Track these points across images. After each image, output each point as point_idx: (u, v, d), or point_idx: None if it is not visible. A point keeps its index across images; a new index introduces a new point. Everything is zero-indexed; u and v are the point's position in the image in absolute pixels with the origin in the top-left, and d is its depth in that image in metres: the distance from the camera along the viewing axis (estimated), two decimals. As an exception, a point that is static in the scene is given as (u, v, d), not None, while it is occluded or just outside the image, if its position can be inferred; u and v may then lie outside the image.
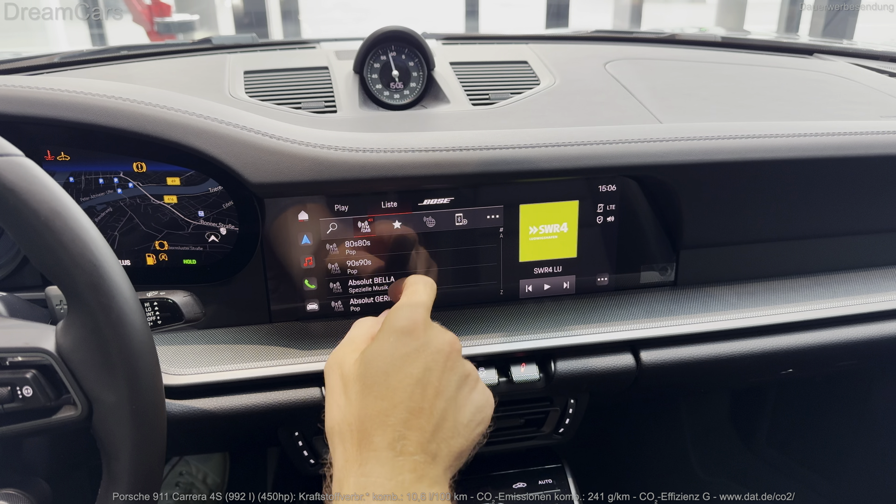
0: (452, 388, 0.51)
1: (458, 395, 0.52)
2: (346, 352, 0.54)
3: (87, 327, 0.48)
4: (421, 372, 0.50)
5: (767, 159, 0.75)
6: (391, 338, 0.52)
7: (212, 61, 1.01)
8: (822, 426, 1.19)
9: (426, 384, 0.50)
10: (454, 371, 0.52)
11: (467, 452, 0.52)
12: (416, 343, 0.51)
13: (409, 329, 0.52)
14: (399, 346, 0.51)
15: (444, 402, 0.50)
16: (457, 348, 0.54)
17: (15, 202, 0.46)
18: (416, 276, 0.62)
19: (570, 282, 0.79)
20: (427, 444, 0.48)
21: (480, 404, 0.53)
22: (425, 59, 0.92)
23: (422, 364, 0.50)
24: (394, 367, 0.50)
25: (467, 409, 0.52)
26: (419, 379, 0.50)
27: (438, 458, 0.48)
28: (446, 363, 0.52)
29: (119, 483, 0.51)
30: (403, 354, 0.51)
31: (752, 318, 0.77)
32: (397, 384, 0.49)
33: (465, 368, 0.54)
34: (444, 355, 0.52)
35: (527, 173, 0.70)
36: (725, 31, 2.89)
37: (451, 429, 0.50)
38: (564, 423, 0.84)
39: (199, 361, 0.68)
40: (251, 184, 0.65)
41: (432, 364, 0.51)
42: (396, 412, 0.48)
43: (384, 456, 0.46)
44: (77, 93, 0.64)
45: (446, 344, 0.52)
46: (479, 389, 0.54)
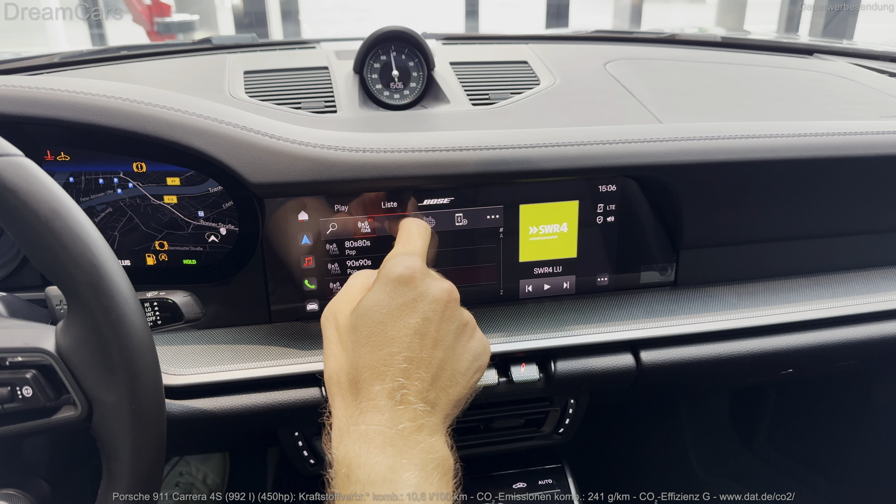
0: (450, 337, 0.52)
1: (457, 345, 0.52)
2: (341, 303, 0.54)
3: (86, 327, 0.48)
4: (419, 322, 0.50)
5: (767, 159, 0.75)
6: (388, 287, 0.51)
7: (212, 61, 1.01)
8: (822, 426, 1.19)
9: (424, 334, 0.50)
10: (452, 320, 0.52)
11: (465, 399, 0.53)
12: (414, 293, 0.51)
13: (406, 278, 0.51)
14: (396, 295, 0.51)
15: (442, 352, 0.51)
16: (454, 297, 0.53)
17: (15, 202, 0.46)
18: (410, 219, 0.62)
19: (570, 282, 0.79)
20: (426, 393, 0.48)
21: (478, 352, 0.54)
22: (425, 59, 0.92)
23: (419, 314, 0.50)
24: (391, 318, 0.50)
25: (465, 358, 0.52)
26: (417, 329, 0.50)
27: (437, 407, 0.49)
28: (444, 312, 0.51)
29: (119, 483, 0.51)
30: (401, 304, 0.50)
31: (752, 318, 0.77)
32: (395, 334, 0.49)
33: (462, 317, 0.54)
34: (441, 304, 0.51)
35: (527, 173, 0.70)
36: (725, 31, 2.89)
37: (449, 377, 0.50)
38: (564, 423, 0.84)
39: (199, 361, 0.68)
40: (251, 184, 0.65)
41: (430, 314, 0.51)
42: (395, 361, 0.48)
43: (383, 405, 0.47)
44: (77, 93, 0.64)
45: (444, 293, 0.52)
46: (477, 337, 0.55)
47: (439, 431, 0.49)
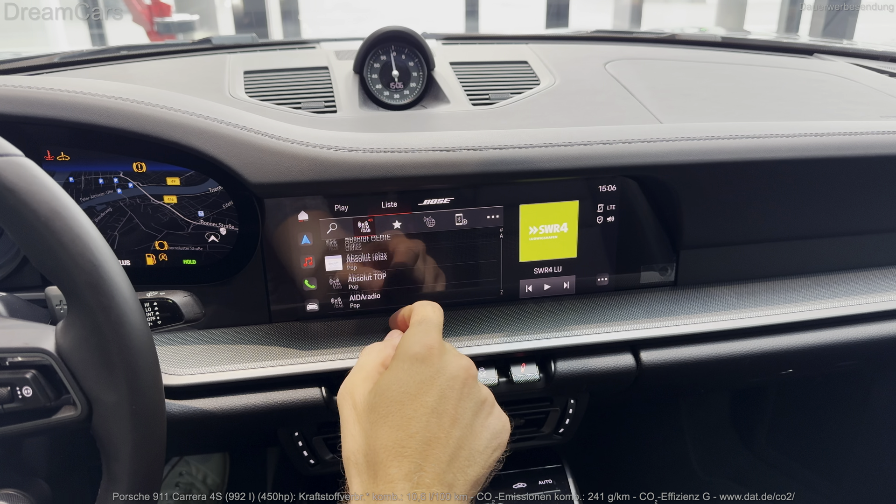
0: (469, 415, 0.50)
1: (475, 423, 0.51)
2: (356, 381, 0.53)
3: (86, 327, 0.48)
4: (436, 400, 0.49)
5: (767, 159, 0.75)
6: (405, 365, 0.51)
7: (212, 61, 1.01)
8: (822, 426, 1.19)
9: (441, 413, 0.49)
10: (470, 398, 0.51)
11: (483, 479, 0.51)
12: (431, 370, 0.50)
13: (424, 356, 0.51)
14: (413, 373, 0.50)
15: (460, 431, 0.49)
16: (472, 374, 0.52)
17: (15, 202, 0.46)
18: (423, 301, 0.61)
19: (570, 282, 0.79)
20: (444, 474, 0.47)
21: (497, 430, 0.52)
22: (425, 59, 0.92)
23: (437, 392, 0.49)
24: (408, 396, 0.49)
25: (483, 436, 0.51)
26: (434, 408, 0.49)
27: (455, 488, 0.48)
28: (462, 390, 0.51)
29: (119, 483, 0.51)
30: (418, 382, 0.50)
31: (752, 318, 0.77)
32: (412, 413, 0.48)
33: (480, 394, 0.53)
34: (459, 381, 0.51)
35: (527, 173, 0.70)
36: (725, 31, 2.89)
37: (467, 457, 0.49)
38: (564, 423, 0.84)
39: (199, 361, 0.68)
40: (251, 184, 0.65)
41: (448, 392, 0.50)
42: (412, 442, 0.47)
43: (400, 487, 0.45)
44: (77, 93, 0.64)
45: (462, 370, 0.52)
46: (496, 415, 0.53)
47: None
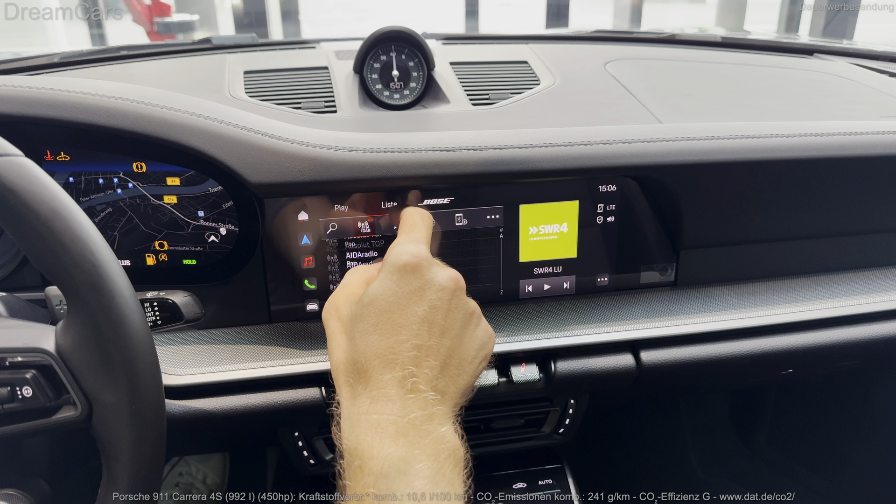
0: (458, 325, 0.52)
1: (464, 333, 0.52)
2: (341, 297, 0.54)
3: (86, 327, 0.48)
4: (426, 310, 0.50)
5: (767, 159, 0.75)
6: (394, 276, 0.51)
7: (212, 61, 1.01)
8: (822, 426, 1.19)
9: (432, 322, 0.50)
10: (459, 309, 0.52)
11: (470, 388, 0.53)
12: (420, 281, 0.51)
13: (413, 266, 0.51)
14: (402, 283, 0.51)
15: (450, 340, 0.51)
16: (461, 285, 0.53)
17: (15, 202, 0.46)
18: (412, 208, 0.62)
19: (570, 282, 0.79)
20: (436, 381, 0.48)
21: (483, 340, 0.54)
22: (425, 59, 0.92)
23: (427, 302, 0.50)
24: (398, 306, 0.50)
25: (472, 346, 0.52)
26: (424, 317, 0.50)
27: (447, 396, 0.49)
28: (451, 301, 0.51)
29: (119, 483, 0.51)
30: (408, 292, 0.50)
31: (752, 318, 0.77)
32: (403, 322, 0.49)
33: (468, 306, 0.54)
34: (448, 293, 0.51)
35: (527, 173, 0.70)
36: (725, 31, 2.89)
37: (457, 366, 0.51)
38: (564, 423, 0.84)
39: (199, 361, 0.68)
40: (251, 184, 0.65)
41: (437, 302, 0.51)
42: (404, 349, 0.48)
43: (393, 393, 0.47)
44: (77, 93, 0.64)
45: (451, 281, 0.52)
46: (482, 326, 0.55)
47: (449, 420, 0.48)
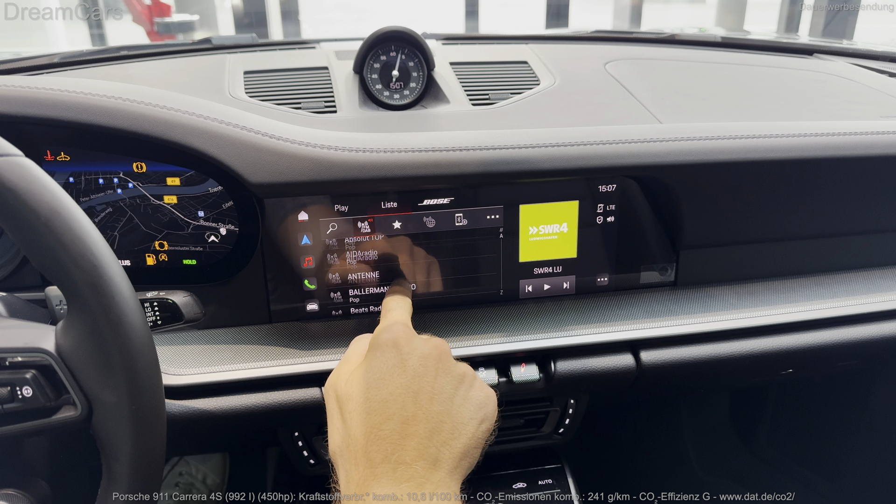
0: (448, 389, 0.51)
1: (455, 396, 0.51)
2: (340, 373, 0.55)
3: (86, 327, 0.48)
4: (410, 380, 0.50)
5: (767, 159, 0.75)
6: (376, 353, 0.52)
7: (212, 61, 1.01)
8: (822, 426, 1.19)
9: (417, 391, 0.50)
10: (447, 373, 0.52)
11: (473, 452, 0.51)
12: (401, 353, 0.52)
13: (393, 341, 0.53)
14: (384, 359, 0.52)
15: (440, 406, 0.50)
16: (444, 350, 0.54)
17: (15, 202, 0.46)
18: (390, 295, 0.64)
19: (570, 282, 0.79)
20: (425, 449, 0.47)
21: (480, 401, 0.53)
22: (425, 60, 0.92)
23: (410, 372, 0.51)
24: (382, 381, 0.50)
25: (466, 409, 0.51)
26: (408, 387, 0.50)
27: (440, 462, 0.48)
28: (437, 367, 0.52)
29: (119, 483, 0.51)
30: (390, 367, 0.51)
31: (752, 318, 0.77)
32: (388, 396, 0.49)
33: (458, 369, 0.53)
34: (433, 360, 0.52)
35: (527, 173, 0.70)
36: (725, 31, 2.89)
37: (449, 431, 0.49)
38: (564, 423, 0.84)
39: (199, 361, 0.68)
40: (251, 184, 0.65)
41: (421, 370, 0.51)
42: (390, 424, 0.48)
43: (382, 470, 0.46)
44: (77, 93, 0.64)
45: (433, 348, 0.53)
46: (478, 387, 0.54)
47: (446, 487, 0.47)
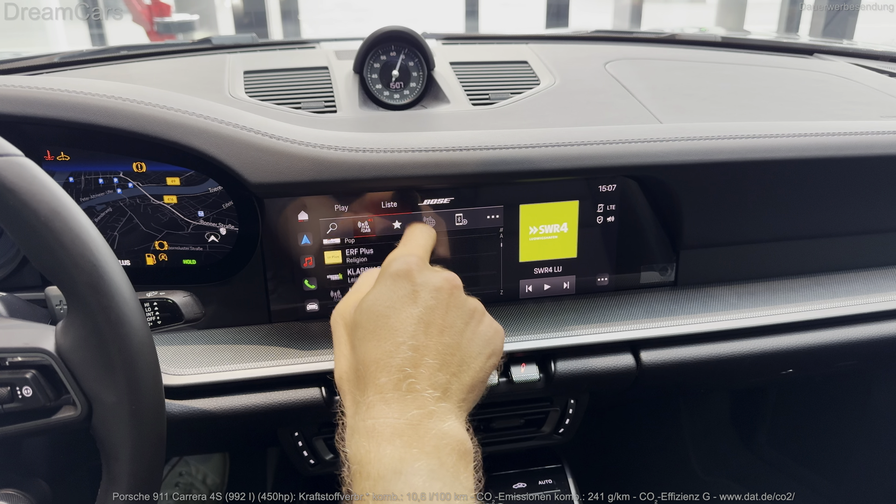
0: (459, 323, 0.52)
1: (465, 330, 0.52)
2: (349, 302, 0.55)
3: (86, 327, 0.48)
4: (422, 311, 0.50)
5: (768, 159, 0.75)
6: (388, 282, 0.52)
7: (212, 61, 1.01)
8: (822, 426, 1.19)
9: (429, 322, 0.50)
10: (458, 307, 0.52)
11: (480, 385, 0.52)
12: (413, 284, 0.51)
13: (404, 272, 0.52)
14: (396, 288, 0.51)
15: (450, 338, 0.50)
16: (457, 285, 0.53)
17: (15, 202, 0.46)
18: (415, 223, 0.63)
19: (570, 282, 0.79)
20: (434, 378, 0.48)
21: (489, 336, 0.54)
22: (425, 59, 0.92)
23: (422, 303, 0.51)
24: (393, 309, 0.50)
25: (476, 342, 0.52)
26: (420, 317, 0.50)
27: (449, 392, 0.49)
28: (449, 300, 0.52)
29: (119, 483, 0.51)
30: (402, 296, 0.51)
31: (752, 318, 0.77)
32: (398, 324, 0.49)
33: (468, 304, 0.54)
34: (445, 293, 0.52)
35: (527, 173, 0.70)
36: (725, 31, 2.89)
37: (459, 362, 0.50)
38: (564, 423, 0.84)
39: (199, 361, 0.68)
40: (251, 184, 0.65)
41: (433, 302, 0.51)
42: (400, 352, 0.48)
43: (390, 396, 0.47)
44: (77, 93, 0.64)
45: (445, 282, 0.53)
46: (487, 322, 0.55)
47: (453, 416, 0.48)
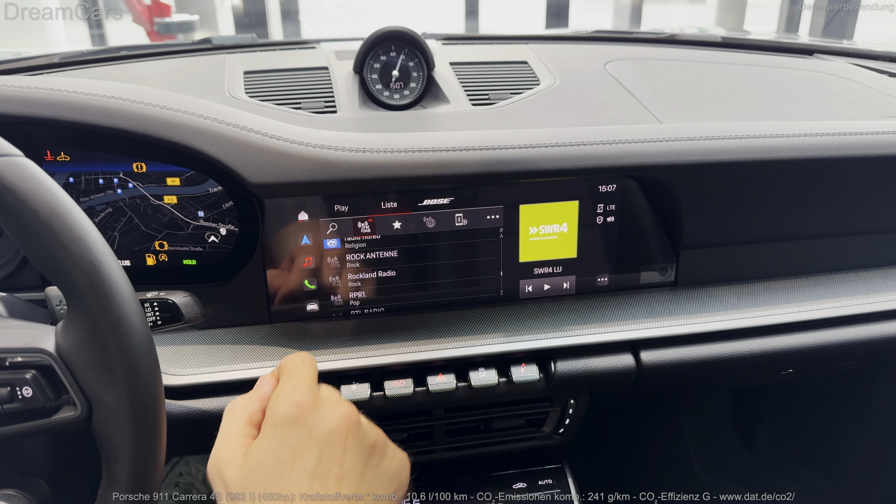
0: (358, 466, 0.46)
1: (366, 471, 0.47)
2: (223, 456, 0.48)
3: (86, 328, 0.48)
4: (315, 462, 0.45)
5: (767, 159, 0.75)
6: (276, 430, 0.46)
7: (212, 61, 1.01)
8: (822, 426, 1.19)
9: (325, 474, 0.45)
10: (356, 448, 0.47)
11: None
12: (305, 430, 0.46)
13: (295, 415, 0.46)
14: (286, 438, 0.46)
15: (350, 485, 0.45)
16: (353, 420, 0.47)
17: (15, 202, 0.46)
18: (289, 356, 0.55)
19: (570, 282, 0.79)
20: None
21: (393, 472, 0.49)
22: (425, 60, 0.92)
23: (315, 452, 0.45)
24: (284, 466, 0.44)
25: (378, 482, 0.47)
26: (315, 471, 0.44)
27: None
28: (345, 442, 0.46)
29: (119, 483, 0.51)
30: (292, 447, 0.45)
31: (752, 318, 0.77)
32: (292, 483, 0.44)
33: (367, 440, 0.48)
34: (340, 434, 0.46)
35: (527, 173, 0.70)
36: (725, 31, 2.90)
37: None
38: (564, 423, 0.84)
39: (199, 362, 0.68)
40: (251, 184, 0.65)
41: (328, 450, 0.45)
42: None
43: None
44: (77, 93, 0.64)
45: (341, 419, 0.47)
46: (389, 456, 0.50)
47: None
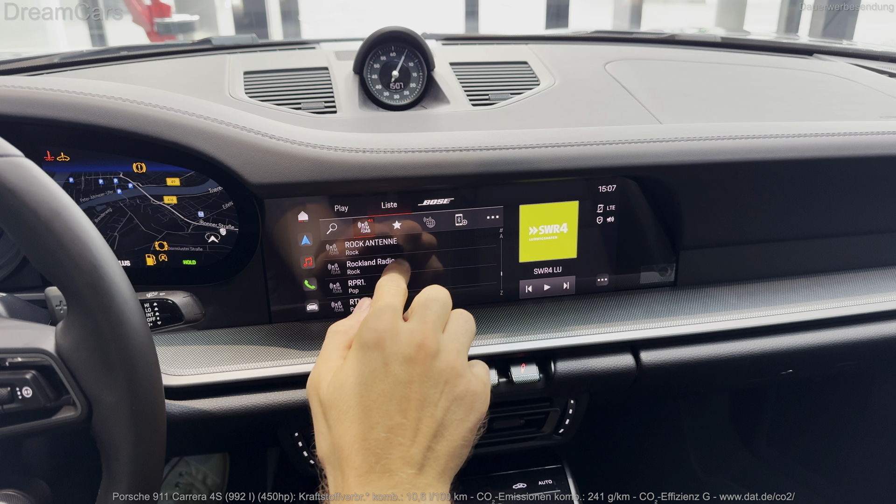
0: (433, 395, 0.49)
1: (441, 400, 0.49)
2: (320, 372, 0.52)
3: (86, 328, 0.48)
4: (392, 386, 0.48)
5: (767, 160, 0.75)
6: (359, 354, 0.50)
7: (211, 62, 1.01)
8: (822, 426, 1.19)
9: (402, 398, 0.48)
10: (433, 376, 0.49)
11: (461, 451, 0.50)
12: (383, 356, 0.49)
13: (376, 341, 0.50)
14: (367, 361, 0.49)
15: (425, 412, 0.48)
16: (429, 352, 0.50)
17: (15, 203, 0.46)
18: (384, 277, 0.60)
19: (570, 282, 0.79)
20: (410, 457, 0.47)
21: (468, 403, 0.51)
22: (425, 60, 0.92)
23: (392, 378, 0.48)
24: (364, 387, 0.48)
25: (453, 412, 0.50)
26: (391, 394, 0.48)
27: (427, 468, 0.47)
28: (423, 370, 0.49)
29: (119, 483, 0.51)
30: (372, 371, 0.49)
31: (753, 318, 0.77)
32: (371, 403, 0.48)
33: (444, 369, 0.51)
34: (418, 364, 0.49)
35: (527, 174, 0.70)
36: (725, 31, 2.90)
37: (434, 435, 0.48)
38: (564, 423, 0.84)
39: (199, 362, 0.68)
40: (251, 184, 0.65)
41: (405, 376, 0.48)
42: (374, 433, 0.47)
43: (367, 478, 0.46)
44: (77, 93, 0.64)
45: (419, 350, 0.49)
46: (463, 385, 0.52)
47: (432, 488, 0.47)
